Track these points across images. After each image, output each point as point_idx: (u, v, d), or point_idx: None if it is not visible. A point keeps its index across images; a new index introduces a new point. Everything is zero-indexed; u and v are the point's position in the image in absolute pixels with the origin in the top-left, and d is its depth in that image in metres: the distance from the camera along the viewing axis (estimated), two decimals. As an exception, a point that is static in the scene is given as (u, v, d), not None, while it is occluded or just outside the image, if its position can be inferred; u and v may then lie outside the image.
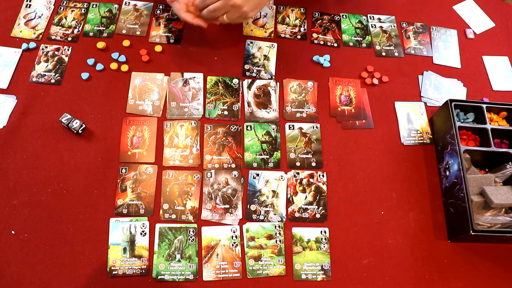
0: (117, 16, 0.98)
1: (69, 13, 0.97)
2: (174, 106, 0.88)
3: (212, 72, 0.93)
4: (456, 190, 0.79)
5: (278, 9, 1.04)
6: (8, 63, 0.89)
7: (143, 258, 0.74)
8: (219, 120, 0.88)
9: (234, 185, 0.82)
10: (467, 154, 0.82)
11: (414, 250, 0.79)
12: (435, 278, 0.77)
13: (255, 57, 0.96)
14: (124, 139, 0.84)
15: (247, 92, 0.91)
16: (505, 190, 0.79)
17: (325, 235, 0.79)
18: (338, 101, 0.93)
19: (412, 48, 1.03)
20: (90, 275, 0.72)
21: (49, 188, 0.78)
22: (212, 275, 0.74)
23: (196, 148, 0.84)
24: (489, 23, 1.10)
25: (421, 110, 0.94)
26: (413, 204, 0.84)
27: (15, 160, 0.79)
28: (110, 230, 0.75)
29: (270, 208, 0.80)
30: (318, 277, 0.76)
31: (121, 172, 0.80)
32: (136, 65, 0.92)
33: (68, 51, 0.92)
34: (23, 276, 0.71)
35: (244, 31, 1.00)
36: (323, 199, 0.82)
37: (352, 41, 1.02)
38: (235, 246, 0.76)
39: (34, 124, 0.83)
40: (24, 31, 0.93)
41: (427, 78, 0.98)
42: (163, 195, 0.79)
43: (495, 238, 0.77)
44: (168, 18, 0.99)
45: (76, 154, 0.81)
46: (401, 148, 0.89)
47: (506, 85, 1.00)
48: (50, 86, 0.88)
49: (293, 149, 0.86)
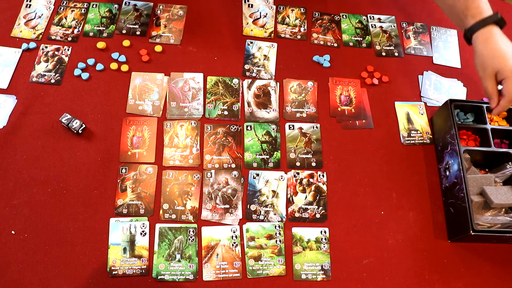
0: (117, 16, 0.98)
1: (69, 13, 0.97)
2: (174, 106, 0.88)
3: (212, 72, 0.93)
4: (456, 190, 0.79)
5: (278, 9, 1.04)
6: (8, 63, 0.89)
7: (143, 258, 0.74)
8: (219, 120, 0.88)
9: (234, 185, 0.82)
10: (467, 154, 0.82)
11: (414, 250, 0.79)
12: (435, 278, 0.77)
13: (255, 57, 0.96)
14: (124, 139, 0.84)
15: (247, 92, 0.91)
16: (505, 190, 0.79)
17: (325, 235, 0.79)
18: (338, 101, 0.93)
19: (412, 48, 1.03)
20: (90, 275, 0.72)
21: (49, 188, 0.78)
22: (212, 275, 0.74)
23: (196, 148, 0.84)
24: (489, 23, 1.10)
25: (421, 110, 0.94)
26: (413, 204, 0.84)
27: (15, 160, 0.79)
28: (110, 230, 0.75)
29: (270, 208, 0.80)
30: (318, 277, 0.76)
31: (121, 172, 0.80)
32: (136, 65, 0.92)
33: (68, 51, 0.92)
34: (23, 276, 0.71)
35: (244, 31, 1.00)
36: (323, 199, 0.82)
37: (352, 41, 1.02)
38: (235, 246, 0.76)
39: (34, 124, 0.83)
40: (24, 31, 0.93)
41: (427, 78, 0.98)
42: (163, 195, 0.79)
43: (495, 238, 0.77)
44: (168, 18, 0.99)
45: (76, 154, 0.81)
46: (401, 148, 0.89)
47: (506, 85, 1.00)
48: (50, 86, 0.88)
49: (293, 149, 0.86)
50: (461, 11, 0.81)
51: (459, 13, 0.81)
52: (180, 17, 0.99)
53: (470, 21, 0.79)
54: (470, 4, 0.79)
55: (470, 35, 0.80)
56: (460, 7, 0.81)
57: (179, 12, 1.00)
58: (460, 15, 0.81)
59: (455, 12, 0.83)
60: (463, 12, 0.80)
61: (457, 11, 0.82)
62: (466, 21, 0.80)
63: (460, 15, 0.81)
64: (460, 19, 0.82)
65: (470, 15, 0.79)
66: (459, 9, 0.81)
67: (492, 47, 0.77)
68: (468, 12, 0.79)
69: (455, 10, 0.82)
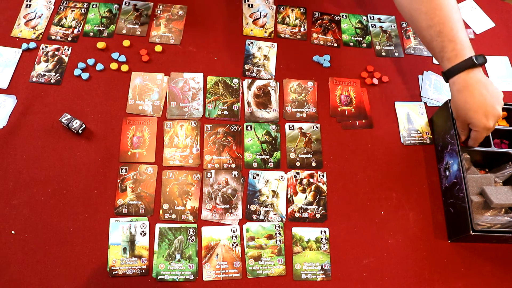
0: (117, 16, 0.98)
1: (69, 13, 0.97)
2: (174, 106, 0.88)
3: (212, 72, 0.93)
4: (456, 190, 0.79)
5: (278, 9, 1.04)
6: (8, 63, 0.89)
7: (143, 258, 0.74)
8: (219, 120, 0.88)
9: (234, 185, 0.82)
10: (467, 154, 0.82)
11: (414, 250, 0.79)
12: (435, 278, 0.77)
13: (255, 57, 0.96)
14: (124, 139, 0.84)
15: (247, 92, 0.91)
16: (505, 190, 0.79)
17: (325, 235, 0.79)
18: (338, 101, 0.93)
19: (412, 48, 1.03)
20: (90, 275, 0.72)
21: (49, 188, 0.78)
22: (212, 275, 0.74)
23: (196, 148, 0.84)
24: (489, 23, 1.10)
25: (421, 110, 0.94)
26: (413, 204, 0.84)
27: (15, 160, 0.79)
28: (110, 230, 0.75)
29: (270, 208, 0.80)
30: (318, 277, 0.76)
31: (121, 172, 0.80)
32: (136, 65, 0.92)
33: (68, 51, 0.92)
34: (23, 276, 0.71)
35: (244, 31, 1.00)
36: (323, 199, 0.82)
37: (352, 41, 1.02)
38: (235, 246, 0.76)
39: (34, 124, 0.83)
40: (24, 31, 0.93)
41: (427, 78, 0.98)
42: (163, 195, 0.79)
43: (495, 238, 0.77)
44: (168, 18, 0.99)
45: (76, 154, 0.81)
46: (401, 148, 0.89)
47: (506, 85, 1.00)
48: (50, 86, 0.88)
49: (293, 149, 0.86)
50: (438, 52, 0.78)
51: (435, 51, 0.78)
52: (180, 17, 0.99)
53: (446, 64, 0.77)
54: (447, 45, 0.75)
55: (446, 79, 0.79)
56: (436, 47, 0.77)
57: (179, 12, 1.00)
58: (436, 54, 0.79)
59: (431, 48, 0.80)
60: (439, 53, 0.77)
61: (433, 48, 0.78)
62: (443, 64, 0.78)
63: (436, 54, 0.78)
64: (436, 57, 0.80)
65: (446, 58, 0.76)
66: (435, 46, 0.78)
67: (466, 99, 0.75)
68: (444, 54, 0.76)
69: (431, 46, 0.79)
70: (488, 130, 0.77)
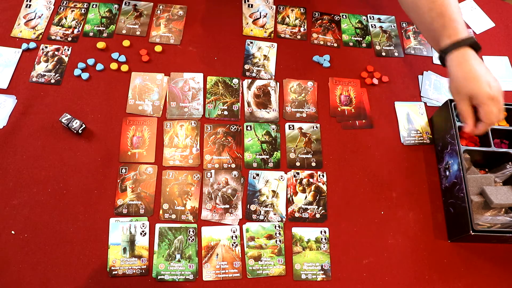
0: (117, 16, 0.98)
1: (69, 13, 0.97)
2: (174, 106, 0.88)
3: (212, 72, 0.93)
4: (456, 190, 0.79)
5: (278, 9, 1.04)
6: (8, 63, 0.89)
7: (143, 258, 0.74)
8: (219, 120, 0.88)
9: (234, 185, 0.82)
10: (467, 154, 0.82)
11: (414, 250, 0.79)
12: (435, 278, 0.77)
13: (255, 57, 0.96)
14: (124, 139, 0.84)
15: (247, 92, 0.91)
16: (505, 190, 0.79)
17: (325, 235, 0.79)
18: (338, 101, 0.93)
19: (412, 48, 1.03)
20: (90, 275, 0.72)
21: (49, 188, 0.78)
22: (212, 275, 0.74)
23: (196, 148, 0.84)
24: (489, 23, 1.10)
25: (421, 110, 0.94)
26: (413, 204, 0.84)
27: (15, 160, 0.79)
28: (110, 230, 0.75)
29: (270, 208, 0.80)
30: (318, 277, 0.76)
31: (121, 172, 0.80)
32: (136, 65, 0.92)
33: (68, 51, 0.92)
34: (23, 276, 0.71)
35: (244, 31, 1.00)
36: (323, 199, 0.82)
37: (352, 41, 1.02)
38: (235, 246, 0.76)
39: (34, 124, 0.83)
40: (24, 31, 0.93)
41: (427, 78, 0.98)
42: (163, 195, 0.79)
43: (495, 238, 0.77)
44: (168, 18, 0.99)
45: (76, 154, 0.81)
46: (401, 148, 0.89)
47: (506, 85, 1.00)
48: (50, 86, 0.88)
49: (293, 149, 0.86)
50: (438, 29, 0.77)
51: (436, 31, 0.78)
52: (180, 17, 1.00)
53: (445, 41, 0.76)
54: (448, 23, 0.76)
55: (444, 56, 0.77)
56: (437, 25, 0.77)
57: (179, 12, 1.00)
58: (436, 34, 0.78)
59: (431, 30, 0.79)
60: (439, 31, 0.77)
61: (433, 29, 0.78)
62: (442, 40, 0.77)
63: (436, 34, 0.78)
64: (436, 39, 0.79)
65: (446, 35, 0.76)
66: (435, 27, 0.78)
67: (467, 70, 0.74)
68: (444, 31, 0.76)
69: (432, 27, 0.79)
70: (494, 101, 0.73)
